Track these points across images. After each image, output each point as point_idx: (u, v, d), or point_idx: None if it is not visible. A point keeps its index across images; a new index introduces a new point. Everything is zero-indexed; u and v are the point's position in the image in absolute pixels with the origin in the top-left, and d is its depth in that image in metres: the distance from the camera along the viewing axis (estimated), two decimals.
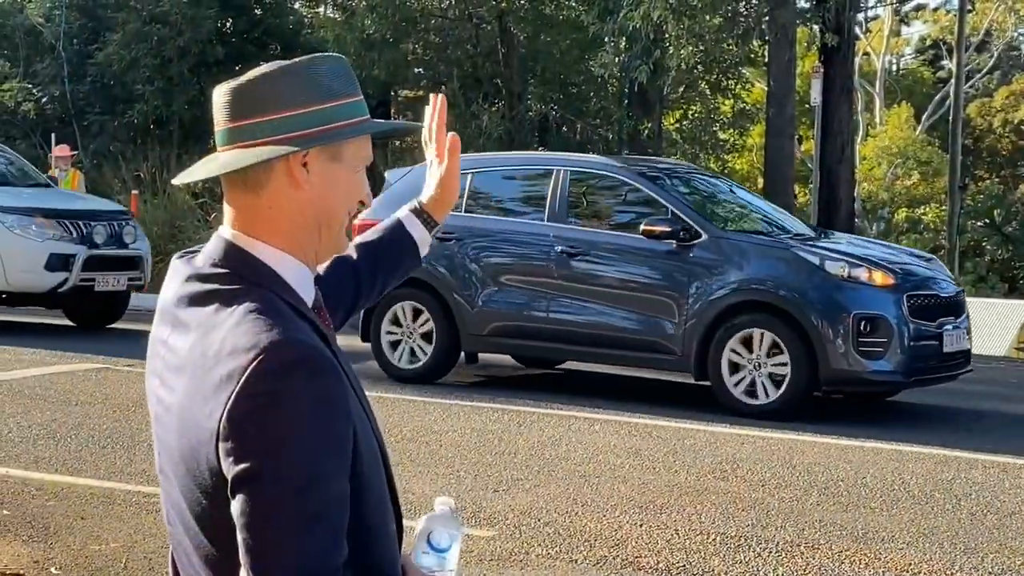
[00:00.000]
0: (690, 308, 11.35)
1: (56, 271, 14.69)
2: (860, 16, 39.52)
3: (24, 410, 10.15)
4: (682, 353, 11.36)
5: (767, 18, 23.33)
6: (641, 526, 7.34)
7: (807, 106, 28.80)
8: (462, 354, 12.56)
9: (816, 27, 25.55)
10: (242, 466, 1.97)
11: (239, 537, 1.99)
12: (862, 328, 10.84)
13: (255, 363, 1.99)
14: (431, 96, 2.87)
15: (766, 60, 26.21)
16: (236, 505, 1.98)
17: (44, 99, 26.65)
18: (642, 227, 11.58)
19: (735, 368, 11.18)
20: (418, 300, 12.31)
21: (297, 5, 31.65)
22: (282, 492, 1.96)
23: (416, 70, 28.38)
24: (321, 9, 31.53)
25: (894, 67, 57.00)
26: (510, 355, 13.37)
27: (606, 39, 21.99)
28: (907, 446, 9.97)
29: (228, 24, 28.34)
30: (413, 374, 12.28)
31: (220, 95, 2.19)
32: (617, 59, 22.00)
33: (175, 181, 2.35)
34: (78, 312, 15.99)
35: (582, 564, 6.62)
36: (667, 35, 21.24)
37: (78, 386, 11.37)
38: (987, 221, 40.43)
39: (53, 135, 23.24)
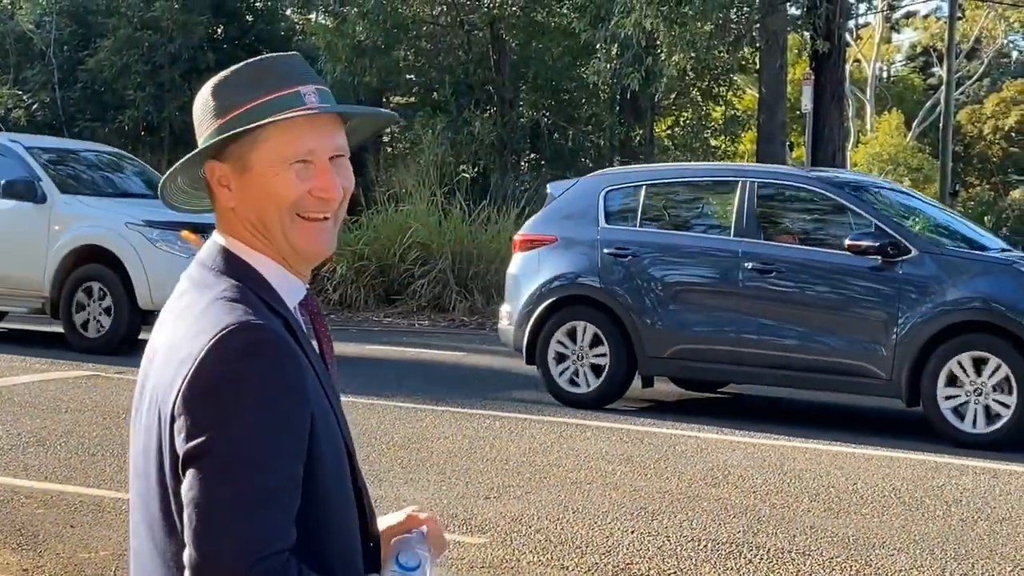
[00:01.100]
0: (900, 329, 10.50)
1: None
2: (851, 23, 39.62)
3: (14, 417, 10.12)
4: (891, 378, 10.55)
5: (758, 25, 23.38)
6: (632, 533, 7.33)
7: (798, 113, 28.88)
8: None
9: (807, 34, 25.58)
10: (192, 443, 1.98)
11: (184, 515, 1.99)
12: None
13: (213, 342, 2.01)
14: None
15: (757, 67, 26.25)
16: (184, 483, 1.99)
17: (34, 105, 26.60)
18: (847, 242, 10.78)
19: (951, 394, 10.34)
20: (589, 320, 11.62)
21: (289, 12, 31.64)
22: (229, 470, 1.97)
23: (408, 77, 28.38)
24: (313, 16, 31.52)
25: (885, 74, 57.14)
26: (690, 379, 12.48)
27: (598, 46, 21.99)
28: (898, 452, 9.97)
29: (219, 30, 28.32)
30: (583, 399, 11.54)
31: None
32: (609, 66, 22.01)
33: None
34: None
35: (573, 571, 6.61)
36: (659, 42, 21.27)
37: (68, 393, 11.34)
38: None
39: None
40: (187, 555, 1.98)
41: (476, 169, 25.34)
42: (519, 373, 13.76)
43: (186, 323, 2.10)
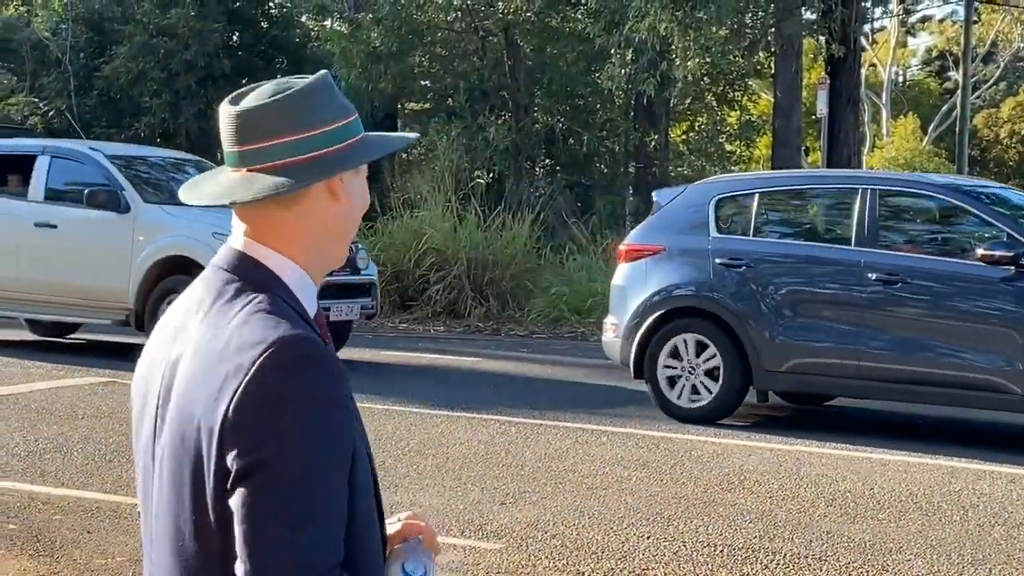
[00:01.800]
0: None
1: None
2: (866, 27, 39.55)
3: (31, 424, 10.15)
4: None
5: (773, 30, 23.36)
6: (648, 538, 7.33)
7: (813, 117, 28.82)
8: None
9: (822, 38, 25.54)
10: (246, 458, 1.96)
11: (237, 530, 1.97)
12: None
13: (263, 357, 1.99)
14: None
15: (772, 72, 26.23)
16: (236, 498, 1.97)
17: (50, 113, 26.70)
18: (980, 251, 10.42)
19: None
20: (702, 332, 11.24)
21: (304, 18, 31.70)
22: (286, 485, 1.95)
23: (423, 83, 28.40)
24: (328, 22, 31.57)
25: (900, 78, 57.03)
26: (808, 394, 12.05)
27: (612, 51, 21.98)
28: (915, 457, 9.95)
29: (235, 37, 28.41)
30: (696, 414, 11.19)
31: (243, 115, 2.16)
32: (623, 71, 22.00)
33: (194, 202, 2.24)
34: None
35: None
36: (673, 47, 21.26)
37: (84, 400, 11.37)
38: None
39: None
40: (240, 569, 1.97)
41: (491, 175, 25.35)
42: (534, 378, 13.78)
43: (222, 334, 2.06)
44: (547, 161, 27.79)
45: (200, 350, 2.08)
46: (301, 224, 2.17)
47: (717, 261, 11.24)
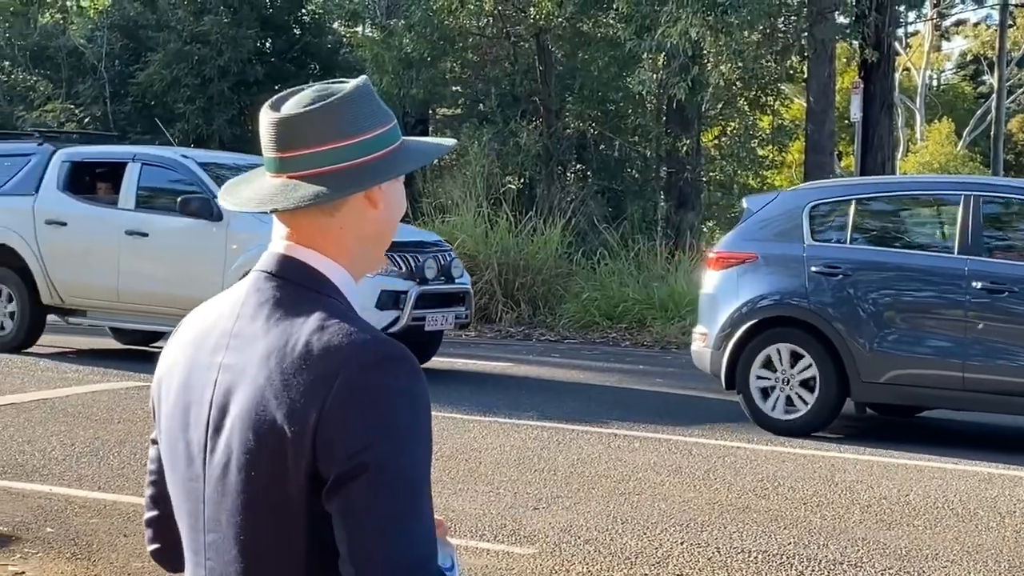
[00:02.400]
0: None
1: (387, 310, 13.22)
2: (900, 31, 39.39)
3: (67, 428, 10.21)
4: None
5: (806, 34, 23.31)
6: (682, 544, 7.32)
7: (847, 122, 28.74)
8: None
9: (856, 43, 25.49)
10: (346, 462, 1.98)
11: (343, 531, 1.99)
12: None
13: (351, 361, 2.01)
14: None
15: (805, 76, 26.17)
16: (338, 501, 1.99)
17: (86, 119, 26.85)
18: None
19: None
20: (796, 342, 10.99)
21: (336, 25, 31.80)
22: (390, 485, 1.98)
23: (454, 88, 28.43)
24: (360, 28, 31.66)
25: (935, 82, 56.80)
26: (908, 405, 11.70)
27: (644, 56, 21.98)
28: (951, 463, 9.90)
29: (268, 44, 28.52)
30: (790, 426, 10.92)
31: (284, 121, 2.18)
32: (655, 76, 22.01)
33: (249, 209, 2.24)
34: None
35: None
36: (705, 52, 21.24)
37: (120, 404, 11.42)
38: None
39: None
40: (349, 570, 1.99)
41: (522, 180, 25.40)
42: (566, 383, 13.78)
43: (295, 340, 2.06)
44: (578, 166, 27.78)
45: (272, 356, 2.07)
46: (343, 229, 2.19)
47: (812, 269, 10.95)
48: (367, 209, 2.19)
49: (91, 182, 15.08)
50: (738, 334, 11.12)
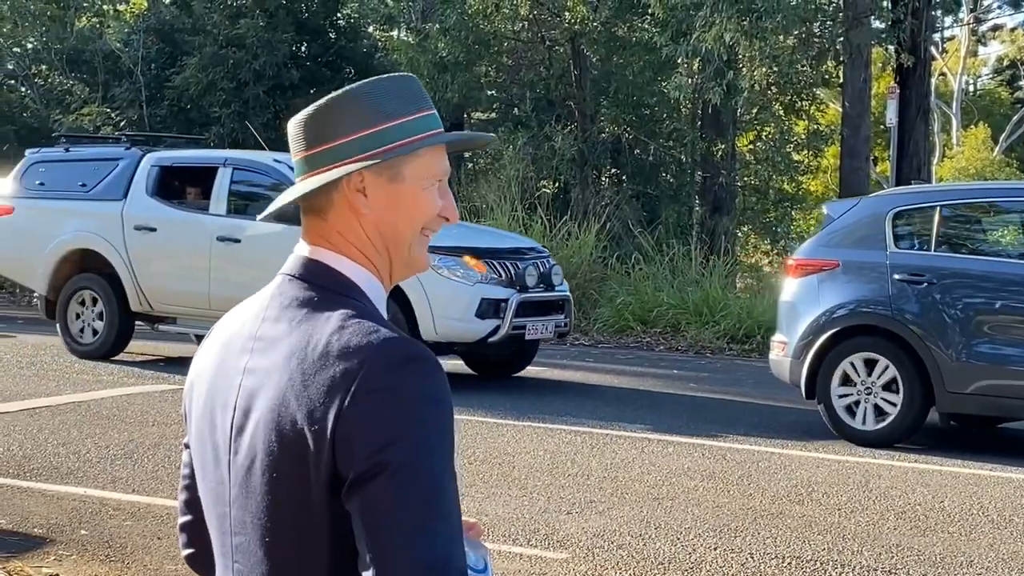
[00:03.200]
0: None
1: (487, 318, 12.95)
2: (936, 36, 39.23)
3: (102, 431, 10.26)
4: None
5: (842, 39, 23.21)
6: (715, 549, 7.30)
7: (882, 127, 28.61)
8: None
9: (891, 47, 25.37)
10: (365, 462, 1.97)
11: (361, 533, 1.98)
12: None
13: (370, 360, 2.01)
14: None
15: (841, 81, 26.07)
16: (357, 502, 1.98)
17: (122, 123, 26.98)
18: None
19: None
20: (880, 351, 10.76)
21: (371, 29, 31.88)
22: (409, 485, 1.96)
23: (489, 92, 28.47)
24: (395, 33, 31.73)
25: (971, 87, 56.51)
26: (994, 416, 11.31)
27: (679, 60, 21.96)
28: (985, 471, 9.85)
29: (303, 48, 28.60)
30: (873, 436, 10.70)
31: (291, 126, 2.25)
32: (690, 80, 21.97)
33: (259, 218, 2.43)
34: (484, 359, 14.31)
35: None
36: (740, 56, 21.19)
37: (155, 407, 11.47)
38: None
39: None
40: (368, 571, 1.96)
41: (557, 184, 25.39)
42: (600, 387, 13.76)
43: (318, 340, 2.07)
44: (613, 170, 27.76)
45: (293, 357, 2.08)
46: (342, 234, 2.21)
47: (896, 277, 10.74)
48: (351, 216, 2.19)
49: (180, 187, 14.85)
50: (819, 343, 10.91)
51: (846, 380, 10.87)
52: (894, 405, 10.65)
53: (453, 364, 13.85)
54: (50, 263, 14.83)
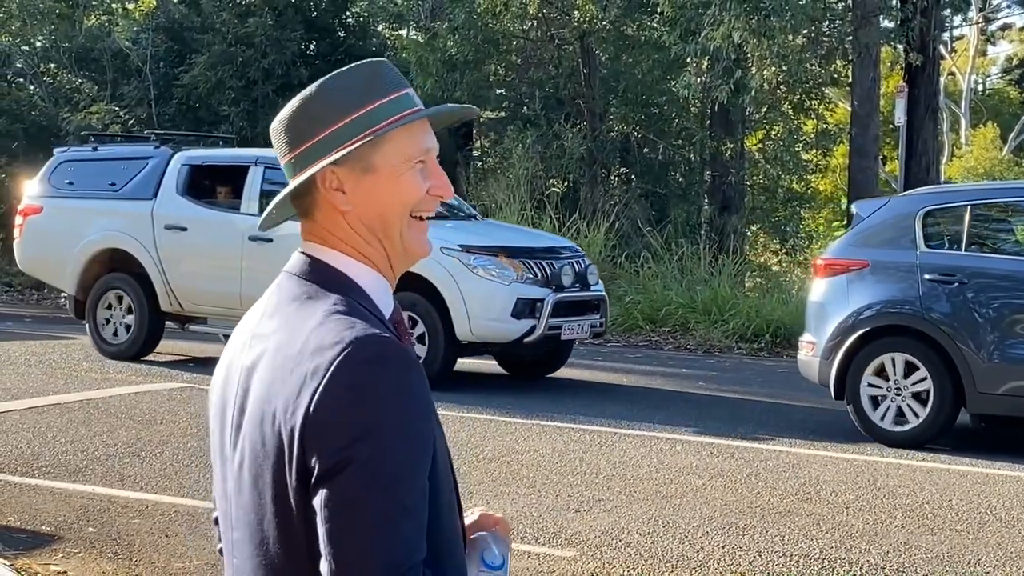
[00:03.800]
0: None
1: (523, 318, 12.80)
2: (945, 35, 39.20)
3: (110, 429, 10.28)
4: None
5: (850, 38, 23.20)
6: (723, 547, 7.29)
7: (891, 126, 28.61)
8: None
9: (900, 47, 25.35)
10: (332, 457, 1.96)
11: (321, 529, 1.97)
12: None
13: (340, 357, 2.00)
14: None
15: (849, 80, 26.04)
16: (321, 496, 1.97)
17: (131, 121, 27.00)
18: None
19: None
20: (910, 351, 10.65)
21: (380, 27, 31.86)
22: (371, 483, 1.95)
23: (498, 91, 28.44)
24: (404, 31, 31.71)
25: (980, 87, 56.42)
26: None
27: (688, 59, 21.95)
28: (993, 469, 9.83)
29: (312, 46, 28.59)
30: (902, 437, 10.62)
31: (271, 133, 2.27)
32: (699, 79, 21.94)
33: (259, 227, 2.52)
34: (518, 359, 14.24)
35: None
36: (749, 55, 21.17)
37: (163, 405, 11.49)
38: None
39: None
40: (325, 567, 1.96)
41: (566, 183, 25.36)
42: (609, 385, 13.76)
43: (299, 336, 2.07)
44: (622, 169, 27.74)
45: (278, 353, 2.09)
46: (332, 231, 2.22)
47: (926, 277, 10.64)
48: (335, 214, 2.20)
49: (211, 186, 14.72)
50: (848, 343, 10.83)
51: (876, 381, 10.78)
52: (924, 406, 10.57)
53: (482, 364, 13.86)
54: (79, 263, 14.73)
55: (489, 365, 14.67)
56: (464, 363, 14.10)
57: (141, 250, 14.40)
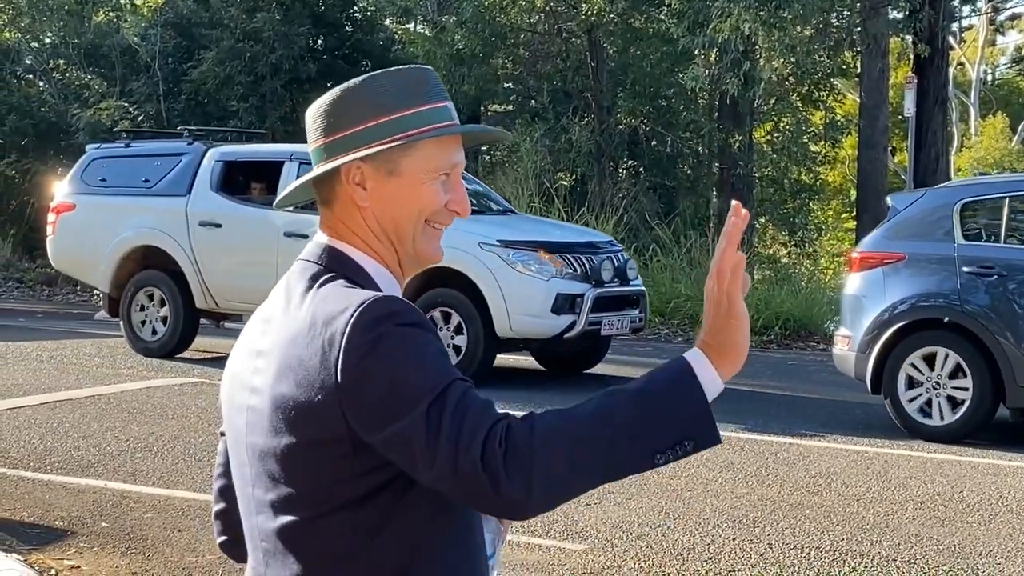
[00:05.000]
0: None
1: (563, 314, 12.59)
2: (954, 26, 39.10)
3: (122, 424, 10.30)
4: None
5: (859, 29, 23.18)
6: (734, 540, 7.30)
7: (900, 117, 28.54)
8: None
9: (909, 37, 25.32)
10: (377, 412, 2.03)
11: (405, 459, 2.03)
12: None
13: (351, 321, 2.05)
14: (735, 205, 2.15)
15: (858, 71, 26.01)
16: (389, 443, 2.03)
17: (140, 117, 27.02)
18: None
19: None
20: (948, 345, 10.54)
21: (387, 22, 31.86)
22: (427, 405, 2.01)
23: (506, 85, 28.45)
24: (411, 25, 31.71)
25: (989, 77, 56.31)
26: None
27: (696, 52, 21.92)
28: (1005, 460, 9.83)
29: (320, 41, 28.59)
30: (940, 432, 10.49)
31: (307, 115, 2.31)
32: (707, 72, 21.93)
33: (275, 206, 2.62)
34: (555, 355, 14.13)
35: None
36: (757, 47, 21.15)
37: (174, 400, 11.51)
38: None
39: None
40: (426, 477, 2.03)
41: (574, 176, 25.36)
42: (618, 379, 13.74)
43: (308, 314, 2.12)
44: (630, 162, 27.72)
45: (290, 335, 2.14)
46: (347, 224, 2.26)
47: (965, 269, 10.52)
48: (352, 208, 2.24)
49: (245, 182, 14.62)
50: (885, 337, 10.73)
51: (913, 375, 10.69)
52: (963, 400, 10.46)
53: (520, 360, 13.85)
54: (113, 260, 14.60)
55: (527, 361, 14.66)
56: (499, 359, 14.07)
57: (176, 247, 14.27)
